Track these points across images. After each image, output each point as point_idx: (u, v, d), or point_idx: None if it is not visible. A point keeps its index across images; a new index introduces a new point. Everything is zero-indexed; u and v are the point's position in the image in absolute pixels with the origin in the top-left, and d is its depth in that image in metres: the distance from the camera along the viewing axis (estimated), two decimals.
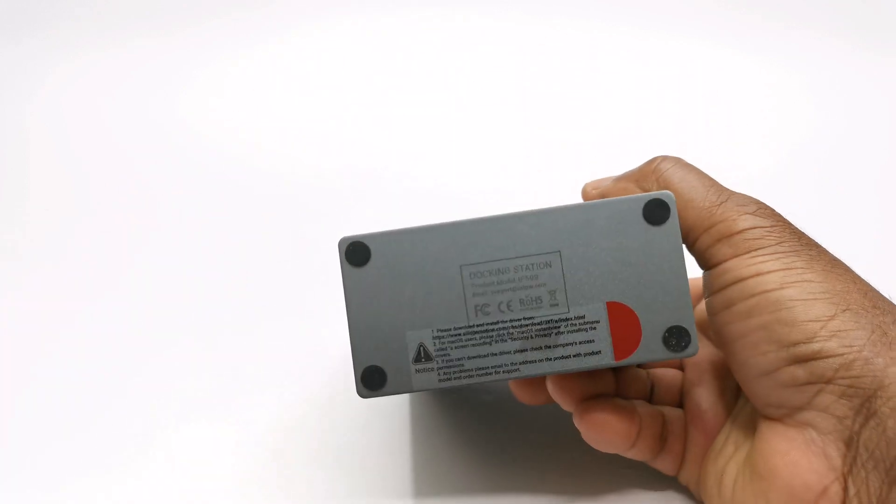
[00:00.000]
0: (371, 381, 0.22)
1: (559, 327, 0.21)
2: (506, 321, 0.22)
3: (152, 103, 0.46)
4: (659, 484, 0.27)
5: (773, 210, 0.22)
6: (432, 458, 0.30)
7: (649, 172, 0.24)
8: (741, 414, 0.25)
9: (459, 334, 0.22)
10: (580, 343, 0.21)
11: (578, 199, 0.27)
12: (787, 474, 0.21)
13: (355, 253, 0.22)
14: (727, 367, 0.26)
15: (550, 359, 0.21)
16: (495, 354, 0.22)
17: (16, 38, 0.48)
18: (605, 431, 0.24)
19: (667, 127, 0.44)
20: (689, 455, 0.25)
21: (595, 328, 0.21)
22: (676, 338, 0.21)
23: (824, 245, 0.22)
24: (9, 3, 0.48)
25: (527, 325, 0.21)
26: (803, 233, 0.22)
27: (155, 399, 0.33)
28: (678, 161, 0.24)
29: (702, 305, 0.28)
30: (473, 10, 0.48)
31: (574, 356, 0.21)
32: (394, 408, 0.32)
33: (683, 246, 0.22)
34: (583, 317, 0.21)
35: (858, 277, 0.22)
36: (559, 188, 0.40)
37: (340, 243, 0.22)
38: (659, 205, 0.21)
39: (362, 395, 0.22)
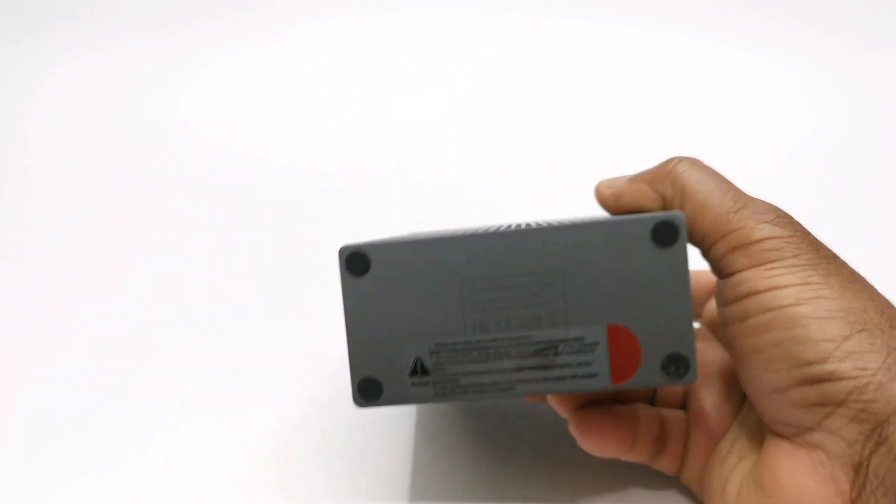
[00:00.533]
0: (367, 392, 0.21)
1: (557, 348, 0.21)
2: (504, 339, 0.21)
3: (152, 103, 0.46)
4: (661, 484, 0.28)
5: (792, 218, 0.22)
6: (432, 458, 0.30)
7: (665, 174, 0.23)
8: (747, 421, 0.24)
9: (457, 349, 0.21)
10: (577, 365, 0.21)
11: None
12: (793, 495, 0.20)
13: (355, 262, 0.21)
14: (734, 372, 0.26)
15: (547, 379, 0.21)
16: (492, 372, 0.21)
17: (16, 38, 0.48)
18: (600, 439, 0.24)
19: (667, 127, 0.44)
20: (691, 456, 0.25)
21: (594, 350, 0.21)
22: (675, 365, 0.21)
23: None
24: (9, 3, 0.48)
25: (525, 344, 0.21)
26: (822, 244, 0.22)
27: (155, 399, 0.33)
28: (695, 163, 0.23)
29: (711, 304, 0.28)
30: (473, 10, 0.48)
31: (571, 377, 0.21)
32: (393, 409, 0.32)
33: (689, 269, 0.22)
34: (582, 338, 0.21)
35: (877, 293, 0.21)
36: (559, 188, 0.39)
37: (341, 252, 0.21)
38: (668, 227, 0.20)
39: (359, 405, 0.21)
